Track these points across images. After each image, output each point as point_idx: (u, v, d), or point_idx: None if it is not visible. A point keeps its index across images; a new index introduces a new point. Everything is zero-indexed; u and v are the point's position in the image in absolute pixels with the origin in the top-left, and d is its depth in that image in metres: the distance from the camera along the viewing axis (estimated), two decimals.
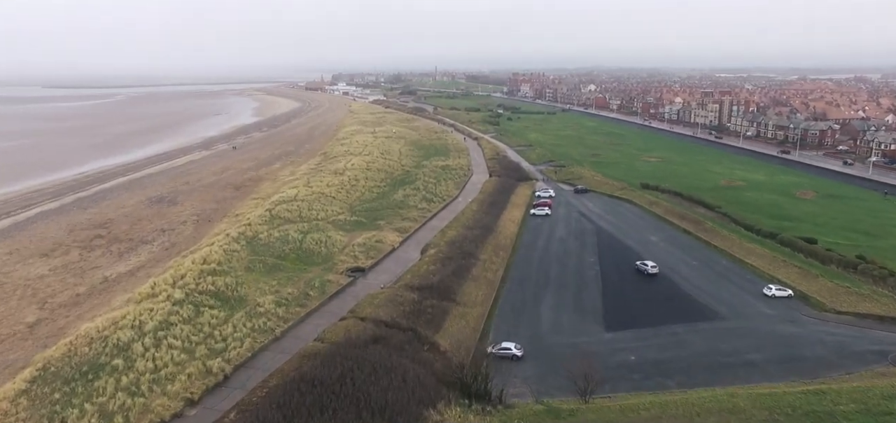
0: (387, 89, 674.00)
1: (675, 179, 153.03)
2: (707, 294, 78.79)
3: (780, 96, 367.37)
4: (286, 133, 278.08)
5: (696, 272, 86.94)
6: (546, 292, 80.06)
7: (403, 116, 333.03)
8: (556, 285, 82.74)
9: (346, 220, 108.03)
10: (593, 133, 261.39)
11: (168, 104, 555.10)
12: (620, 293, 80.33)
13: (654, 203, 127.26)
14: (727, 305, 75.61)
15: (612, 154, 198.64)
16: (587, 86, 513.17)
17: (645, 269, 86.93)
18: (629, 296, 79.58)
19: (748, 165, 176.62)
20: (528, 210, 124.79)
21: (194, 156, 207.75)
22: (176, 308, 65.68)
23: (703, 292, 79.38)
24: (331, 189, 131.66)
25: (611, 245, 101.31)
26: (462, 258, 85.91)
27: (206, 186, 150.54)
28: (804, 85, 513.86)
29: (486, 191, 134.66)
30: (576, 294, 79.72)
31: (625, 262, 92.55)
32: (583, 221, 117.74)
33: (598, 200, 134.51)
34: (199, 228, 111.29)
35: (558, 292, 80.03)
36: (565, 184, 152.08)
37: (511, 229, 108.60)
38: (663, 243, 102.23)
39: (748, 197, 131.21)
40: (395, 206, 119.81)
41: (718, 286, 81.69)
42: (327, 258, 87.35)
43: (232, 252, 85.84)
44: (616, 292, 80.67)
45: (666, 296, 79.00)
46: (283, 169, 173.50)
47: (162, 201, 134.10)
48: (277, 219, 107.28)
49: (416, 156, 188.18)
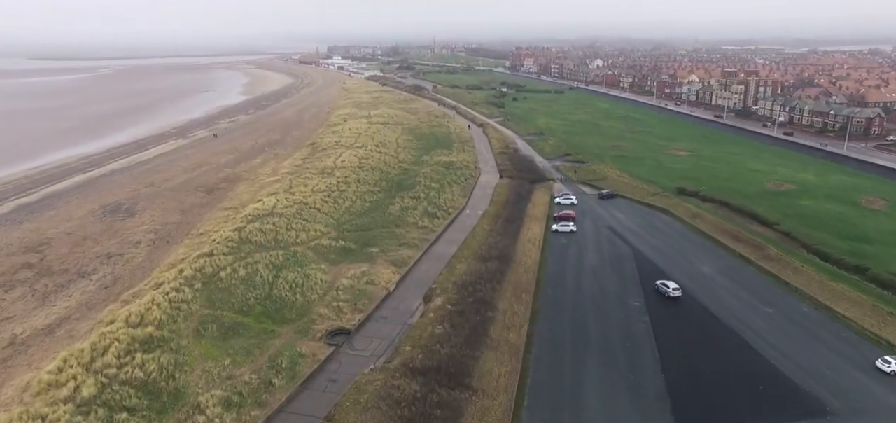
0: (384, 64, 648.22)
1: (711, 180, 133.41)
2: (801, 369, 59.71)
3: (800, 73, 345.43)
4: (274, 116, 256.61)
5: (776, 330, 67.74)
6: (587, 363, 60.99)
7: (401, 97, 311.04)
8: (598, 350, 63.67)
9: (331, 245, 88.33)
10: (608, 117, 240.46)
11: (155, 80, 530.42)
12: (685, 363, 61.30)
13: (697, 216, 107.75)
14: (832, 387, 56.64)
15: (633, 145, 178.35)
16: (593, 61, 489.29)
17: (714, 325, 68.07)
18: (698, 368, 60.55)
19: (789, 161, 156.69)
20: (548, 223, 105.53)
21: (168, 146, 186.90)
22: (77, 421, 46.47)
23: (796, 366, 60.29)
24: (316, 197, 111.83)
25: (656, 279, 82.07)
26: (476, 310, 66.76)
27: (173, 189, 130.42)
28: (822, 60, 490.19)
29: (499, 199, 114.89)
30: (627, 365, 60.69)
31: (680, 303, 73.57)
32: (616, 240, 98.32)
33: (629, 210, 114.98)
34: (153, 253, 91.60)
35: (604, 363, 60.99)
36: (587, 186, 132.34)
37: (532, 254, 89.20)
38: (720, 276, 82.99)
39: (805, 207, 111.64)
40: (392, 222, 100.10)
41: (812, 354, 62.62)
42: (303, 311, 67.95)
43: (180, 304, 66.45)
44: (679, 361, 61.62)
45: (747, 369, 59.92)
46: (265, 165, 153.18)
47: (118, 212, 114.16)
48: (247, 244, 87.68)
49: (416, 148, 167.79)
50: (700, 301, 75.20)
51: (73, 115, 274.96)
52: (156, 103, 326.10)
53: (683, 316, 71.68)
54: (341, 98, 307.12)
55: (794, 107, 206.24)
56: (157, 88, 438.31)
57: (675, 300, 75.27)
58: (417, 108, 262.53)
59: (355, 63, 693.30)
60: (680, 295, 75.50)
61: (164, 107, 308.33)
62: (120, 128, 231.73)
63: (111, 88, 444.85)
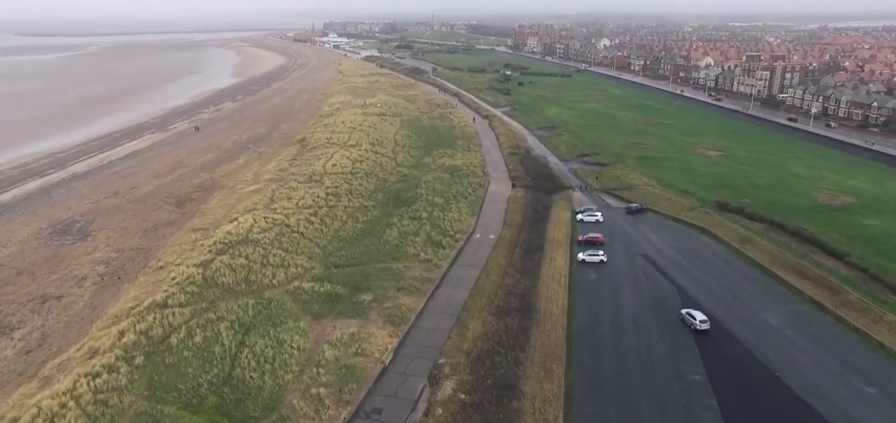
0: (381, 43, 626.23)
1: (752, 190, 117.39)
2: None
3: (820, 55, 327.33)
4: (262, 104, 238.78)
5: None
6: None
7: (399, 81, 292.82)
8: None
9: (315, 290, 72.13)
10: (622, 105, 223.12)
11: (143, 59, 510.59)
12: None
13: (747, 241, 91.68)
14: None
15: (655, 142, 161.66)
16: (600, 40, 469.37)
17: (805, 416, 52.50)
18: None
19: (833, 162, 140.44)
20: (572, 248, 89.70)
21: (143, 142, 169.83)
22: None
23: None
24: (300, 216, 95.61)
25: (713, 335, 66.47)
26: (497, 400, 51.23)
27: (139, 201, 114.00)
28: (839, 39, 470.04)
29: (514, 219, 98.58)
30: None
31: (750, 375, 58.08)
32: (654, 275, 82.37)
33: (664, 230, 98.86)
34: (98, 296, 75.54)
35: None
36: (611, 196, 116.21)
37: (558, 298, 73.32)
38: (793, 331, 67.16)
39: (875, 229, 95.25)
40: (388, 252, 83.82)
41: None
42: (271, 402, 52.03)
43: (108, 397, 50.71)
44: None
45: None
46: (247, 167, 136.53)
47: (68, 232, 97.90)
48: (211, 287, 71.76)
49: (416, 147, 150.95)
50: (775, 372, 59.39)
51: (48, 101, 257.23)
52: (139, 88, 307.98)
53: (761, 399, 55.92)
54: (336, 82, 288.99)
55: (828, 96, 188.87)
56: (145, 69, 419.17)
57: (704, 334, 65.97)
58: (417, 94, 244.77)
59: (352, 41, 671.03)
60: (708, 328, 66.64)
61: (147, 92, 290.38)
62: (95, 117, 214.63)
63: (96, 69, 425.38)
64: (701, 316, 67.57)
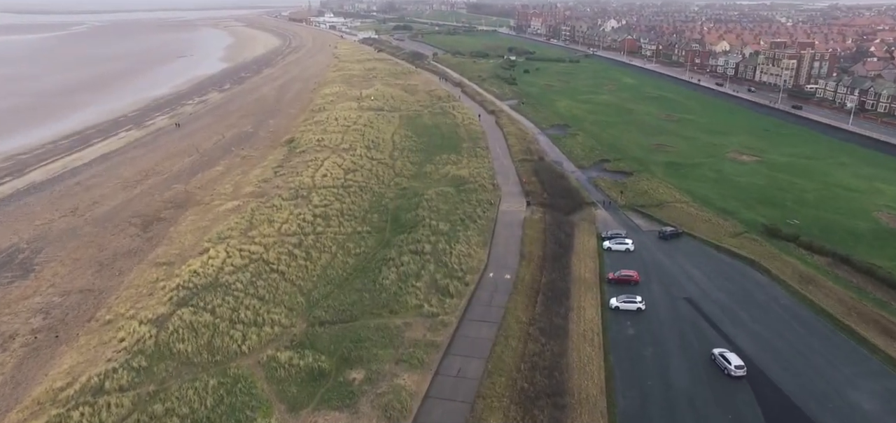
0: (379, 23, 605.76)
1: (799, 206, 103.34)
2: None
3: (843, 40, 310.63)
4: (250, 94, 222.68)
5: None
6: None
7: (398, 68, 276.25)
8: None
9: (293, 362, 57.84)
10: (637, 97, 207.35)
11: (131, 40, 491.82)
12: None
13: (810, 281, 77.39)
14: None
15: (679, 143, 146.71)
16: (607, 22, 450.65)
17: None
18: None
19: (884, 169, 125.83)
20: (602, 292, 75.54)
21: (116, 141, 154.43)
22: None
23: None
24: (283, 248, 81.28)
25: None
26: None
27: (99, 221, 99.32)
28: (855, 20, 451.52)
29: (532, 251, 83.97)
30: None
31: None
32: (704, 329, 68.15)
33: (706, 263, 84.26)
34: (22, 368, 61.21)
35: None
36: (640, 215, 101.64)
37: (594, 371, 59.25)
38: (894, 419, 53.29)
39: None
40: (385, 304, 69.30)
41: None
42: None
43: None
44: None
45: None
46: (227, 176, 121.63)
47: (7, 266, 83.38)
48: (165, 358, 57.72)
49: (417, 150, 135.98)
50: None
51: (22, 89, 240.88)
52: (124, 73, 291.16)
53: None
54: (331, 70, 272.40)
55: (866, 89, 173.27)
56: (132, 51, 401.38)
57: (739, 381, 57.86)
58: (416, 84, 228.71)
59: (349, 21, 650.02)
60: (744, 374, 58.63)
61: (131, 79, 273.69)
62: (70, 109, 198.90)
63: (79, 50, 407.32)
64: (737, 361, 59.68)
